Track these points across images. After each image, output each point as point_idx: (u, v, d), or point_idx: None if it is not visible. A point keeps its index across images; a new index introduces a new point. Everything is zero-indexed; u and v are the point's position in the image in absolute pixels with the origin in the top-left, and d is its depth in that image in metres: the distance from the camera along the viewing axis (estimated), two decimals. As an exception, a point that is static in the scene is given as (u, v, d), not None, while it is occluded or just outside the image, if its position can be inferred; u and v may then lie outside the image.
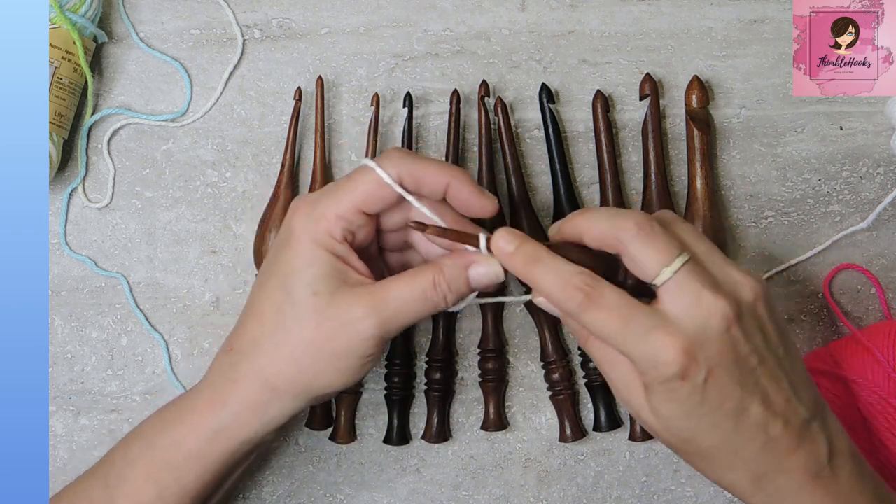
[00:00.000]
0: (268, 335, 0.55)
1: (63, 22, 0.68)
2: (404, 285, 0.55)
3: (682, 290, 0.51)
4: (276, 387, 0.56)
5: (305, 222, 0.55)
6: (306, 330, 0.54)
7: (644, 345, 0.51)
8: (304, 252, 0.55)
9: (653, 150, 0.70)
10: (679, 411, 0.52)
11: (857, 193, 0.73)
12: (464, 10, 0.73)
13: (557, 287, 0.52)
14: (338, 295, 0.54)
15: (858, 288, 0.73)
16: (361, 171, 0.56)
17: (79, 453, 0.71)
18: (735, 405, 0.52)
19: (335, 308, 0.54)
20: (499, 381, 0.71)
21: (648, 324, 0.51)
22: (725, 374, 0.51)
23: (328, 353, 0.54)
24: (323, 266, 0.54)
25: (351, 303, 0.54)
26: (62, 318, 0.72)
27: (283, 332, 0.55)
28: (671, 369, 0.50)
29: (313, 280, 0.54)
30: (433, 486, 0.72)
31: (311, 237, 0.55)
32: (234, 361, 0.57)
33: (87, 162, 0.72)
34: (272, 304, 0.56)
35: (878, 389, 0.65)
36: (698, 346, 0.51)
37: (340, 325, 0.54)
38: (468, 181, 0.56)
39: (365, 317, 0.54)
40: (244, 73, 0.73)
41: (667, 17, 0.73)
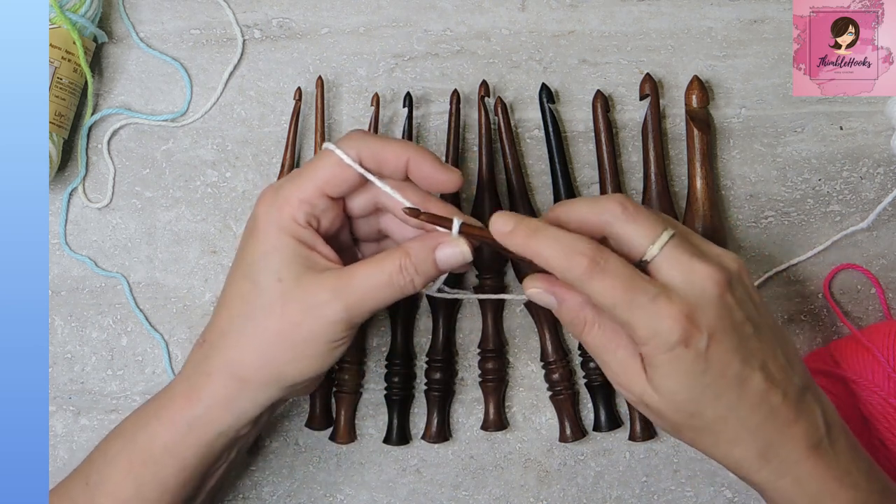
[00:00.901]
0: (236, 326, 0.55)
1: (63, 22, 0.68)
2: (371, 268, 0.54)
3: (673, 261, 0.52)
4: (245, 377, 0.55)
5: (268, 209, 0.55)
6: (272, 318, 0.54)
7: (648, 312, 0.51)
8: (267, 239, 0.55)
9: (653, 150, 0.70)
10: (683, 382, 0.52)
11: (857, 193, 0.73)
12: (464, 10, 0.73)
13: (561, 254, 0.52)
14: (303, 280, 0.54)
15: (858, 288, 0.73)
16: (322, 155, 0.56)
17: (79, 453, 0.71)
18: (736, 373, 0.52)
19: (300, 292, 0.54)
20: (499, 381, 0.71)
21: (652, 291, 0.51)
22: (725, 340, 0.52)
23: (295, 339, 0.54)
24: (287, 252, 0.54)
25: (316, 287, 0.54)
26: (62, 318, 0.72)
27: (251, 322, 0.55)
28: (674, 335, 0.51)
29: (278, 266, 0.54)
30: (433, 486, 0.72)
31: (276, 224, 0.55)
32: (206, 354, 0.57)
33: (87, 162, 0.72)
34: (239, 293, 0.56)
35: (878, 389, 0.65)
36: (698, 312, 0.51)
37: (306, 309, 0.54)
38: (428, 156, 0.56)
39: (331, 300, 0.54)
40: (244, 73, 0.73)
41: (667, 17, 0.73)
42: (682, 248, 0.52)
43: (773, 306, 0.72)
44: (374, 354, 0.72)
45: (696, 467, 0.71)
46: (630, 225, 0.52)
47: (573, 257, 0.51)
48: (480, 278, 0.70)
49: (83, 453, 0.71)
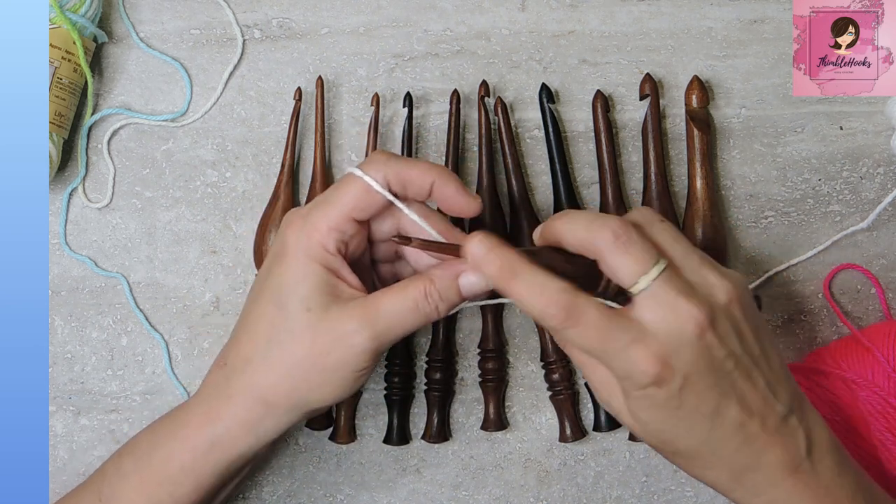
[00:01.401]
0: (261, 351, 0.56)
1: (63, 22, 0.68)
2: (396, 297, 0.55)
3: (657, 299, 0.51)
4: (270, 402, 0.56)
5: (298, 236, 0.55)
6: (300, 345, 0.55)
7: (621, 358, 0.52)
8: (296, 267, 0.55)
9: (653, 150, 0.70)
10: (656, 416, 0.53)
11: (857, 193, 0.73)
12: (464, 10, 0.73)
13: (537, 305, 0.52)
14: (331, 310, 0.55)
15: (858, 288, 0.73)
16: (348, 179, 0.56)
17: (79, 453, 0.71)
18: (711, 408, 0.52)
19: (328, 323, 0.54)
20: (499, 381, 0.71)
21: (625, 338, 0.51)
22: (701, 379, 0.52)
23: (322, 367, 0.55)
24: (316, 281, 0.55)
25: (344, 317, 0.54)
26: (62, 318, 0.72)
27: (277, 348, 0.55)
28: (646, 378, 0.51)
29: (306, 296, 0.55)
30: (433, 486, 0.72)
31: (304, 251, 0.55)
32: (228, 376, 0.57)
33: (87, 162, 0.72)
34: (265, 319, 0.56)
35: (878, 389, 0.65)
36: (673, 354, 0.51)
37: (334, 339, 0.54)
38: (452, 180, 0.56)
39: (359, 330, 0.54)
40: (244, 73, 0.73)
41: (667, 17, 0.73)
42: (670, 284, 0.52)
43: (773, 306, 0.72)
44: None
45: (696, 467, 0.71)
46: (620, 257, 0.52)
47: (549, 309, 0.51)
48: (480, 278, 0.70)
49: (83, 453, 0.71)
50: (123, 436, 0.71)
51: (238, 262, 0.72)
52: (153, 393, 0.71)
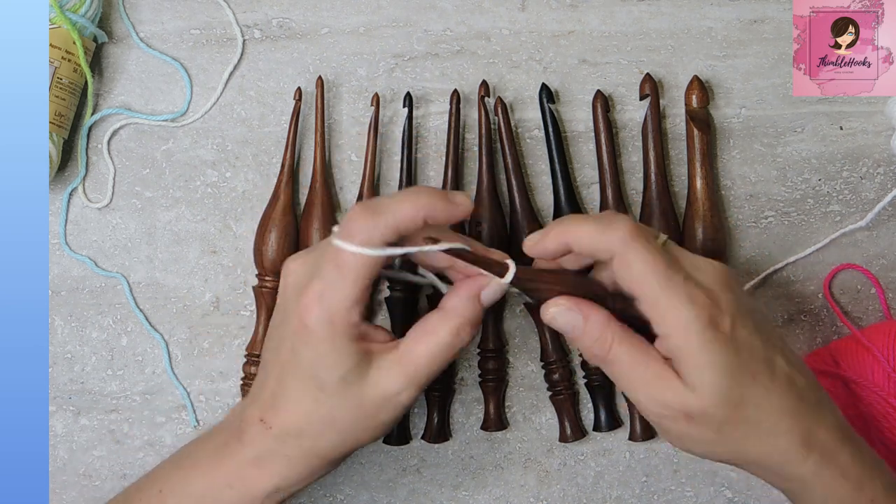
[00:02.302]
0: (312, 421, 0.56)
1: (63, 22, 0.68)
2: (430, 344, 0.55)
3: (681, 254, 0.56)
4: (327, 457, 0.58)
5: (321, 324, 0.54)
6: (349, 413, 0.55)
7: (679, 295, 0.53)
8: (328, 351, 0.54)
9: (653, 150, 0.70)
10: (719, 367, 0.53)
11: (857, 193, 0.73)
12: (464, 10, 0.73)
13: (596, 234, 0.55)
14: (369, 376, 0.55)
15: (858, 288, 0.73)
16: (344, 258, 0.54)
17: (79, 453, 0.71)
18: (763, 356, 0.54)
19: (372, 388, 0.55)
20: (499, 381, 0.71)
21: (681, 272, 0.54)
22: (745, 322, 0.54)
23: (372, 424, 0.56)
24: (350, 359, 0.54)
25: (385, 381, 0.55)
26: (62, 318, 0.72)
27: (326, 418, 0.56)
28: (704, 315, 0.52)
29: (344, 373, 0.55)
30: (433, 486, 0.72)
31: (332, 335, 0.54)
32: (280, 439, 0.57)
33: (87, 162, 0.72)
34: (306, 393, 0.56)
35: (878, 389, 0.65)
36: (716, 295, 0.54)
37: (381, 402, 0.55)
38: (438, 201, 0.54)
39: (404, 388, 0.55)
40: (244, 73, 0.73)
41: (667, 17, 0.73)
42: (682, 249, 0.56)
43: (773, 306, 0.72)
44: (374, 354, 0.72)
45: (696, 467, 0.71)
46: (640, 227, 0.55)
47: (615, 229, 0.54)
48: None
49: (83, 453, 0.71)
50: (123, 436, 0.71)
51: (238, 262, 0.72)
52: (153, 393, 0.71)
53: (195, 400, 0.71)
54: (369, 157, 0.70)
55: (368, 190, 0.70)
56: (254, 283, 0.71)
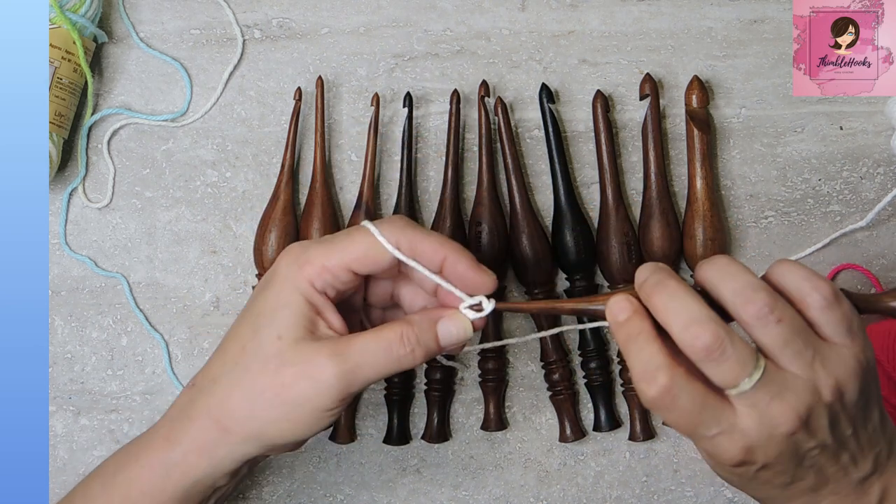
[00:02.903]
0: (227, 372, 0.54)
1: (63, 22, 0.68)
2: (370, 337, 0.53)
3: (751, 403, 0.50)
4: (226, 427, 0.54)
5: (289, 265, 0.54)
6: (265, 374, 0.53)
7: (707, 442, 0.51)
8: (279, 295, 0.53)
9: (653, 150, 0.70)
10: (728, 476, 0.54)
11: (857, 193, 0.73)
12: (464, 10, 0.73)
13: (637, 371, 0.51)
14: (301, 343, 0.53)
15: (858, 288, 0.72)
16: (360, 231, 0.54)
17: (79, 453, 0.71)
18: (785, 482, 0.53)
19: (297, 354, 0.53)
20: (499, 381, 0.71)
21: (715, 429, 0.50)
22: (780, 465, 0.52)
23: (285, 399, 0.53)
24: (295, 311, 0.53)
25: (313, 351, 0.52)
26: (62, 318, 0.72)
27: (242, 371, 0.54)
28: (728, 464, 0.51)
29: (281, 324, 0.53)
30: (433, 486, 0.72)
31: (291, 281, 0.53)
32: (193, 397, 0.55)
33: (87, 162, 0.72)
34: (238, 342, 0.54)
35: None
36: (758, 449, 0.51)
37: (300, 371, 0.52)
38: (465, 256, 0.55)
39: (326, 365, 0.52)
40: (244, 73, 0.73)
41: (667, 17, 0.73)
42: (765, 389, 0.50)
43: (773, 306, 0.72)
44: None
45: (696, 467, 0.71)
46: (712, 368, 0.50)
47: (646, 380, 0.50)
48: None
49: (83, 453, 0.71)
50: (123, 436, 0.71)
51: (238, 262, 0.72)
52: (153, 393, 0.71)
53: (195, 400, 0.71)
54: (369, 157, 0.70)
55: (368, 190, 0.70)
56: (254, 283, 0.71)
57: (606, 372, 0.70)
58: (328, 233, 0.69)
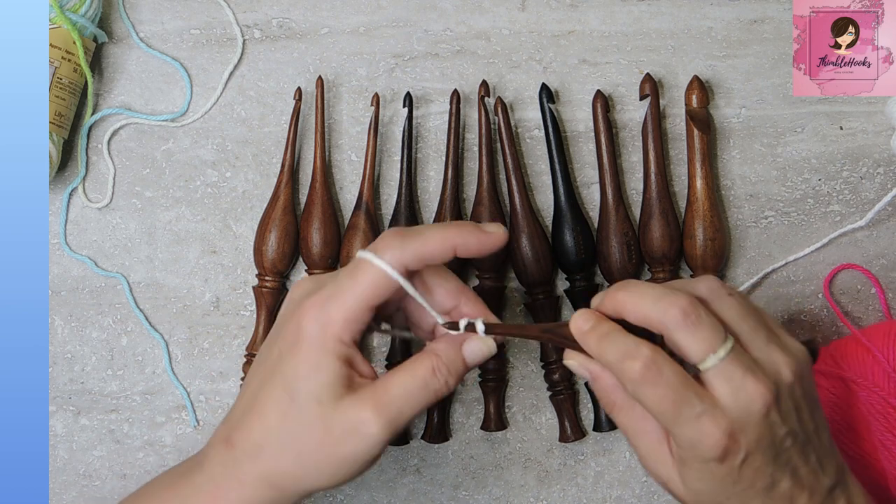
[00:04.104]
0: (272, 438, 0.54)
1: (63, 22, 0.68)
2: (405, 377, 0.54)
3: (725, 376, 0.51)
4: (281, 487, 0.55)
5: (313, 326, 0.53)
6: (313, 436, 0.54)
7: (691, 428, 0.51)
8: (311, 359, 0.53)
9: (653, 150, 0.70)
10: (711, 487, 0.53)
11: (857, 193, 0.73)
12: (464, 10, 0.73)
13: (619, 353, 0.52)
14: (343, 401, 0.53)
15: (858, 288, 0.73)
16: (364, 267, 0.54)
17: (79, 453, 0.71)
18: (766, 483, 0.53)
19: (341, 414, 0.53)
20: (499, 381, 0.71)
21: (699, 408, 0.51)
22: (761, 456, 0.52)
23: (335, 458, 0.54)
24: (329, 374, 0.53)
25: (356, 407, 0.53)
26: (62, 318, 0.72)
27: (289, 437, 0.54)
28: (713, 452, 0.51)
29: (319, 389, 0.53)
30: (433, 486, 0.72)
31: (320, 344, 0.53)
32: (238, 459, 0.55)
33: (87, 162, 0.72)
34: (276, 406, 0.54)
35: (878, 389, 0.65)
36: (740, 431, 0.52)
37: (348, 430, 0.53)
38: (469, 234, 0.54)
39: (372, 419, 0.53)
40: (244, 73, 0.73)
41: (667, 17, 0.73)
42: (737, 362, 0.52)
43: (773, 306, 0.72)
44: (374, 354, 0.72)
45: (696, 467, 0.71)
46: (688, 335, 0.52)
47: (627, 361, 0.52)
48: (480, 278, 0.70)
49: (83, 453, 0.71)
50: (123, 436, 0.71)
51: (238, 262, 0.72)
52: (153, 393, 0.71)
53: (195, 400, 0.71)
54: (369, 157, 0.70)
55: (368, 190, 0.70)
56: (254, 283, 0.71)
57: (606, 372, 0.70)
58: (328, 233, 0.69)
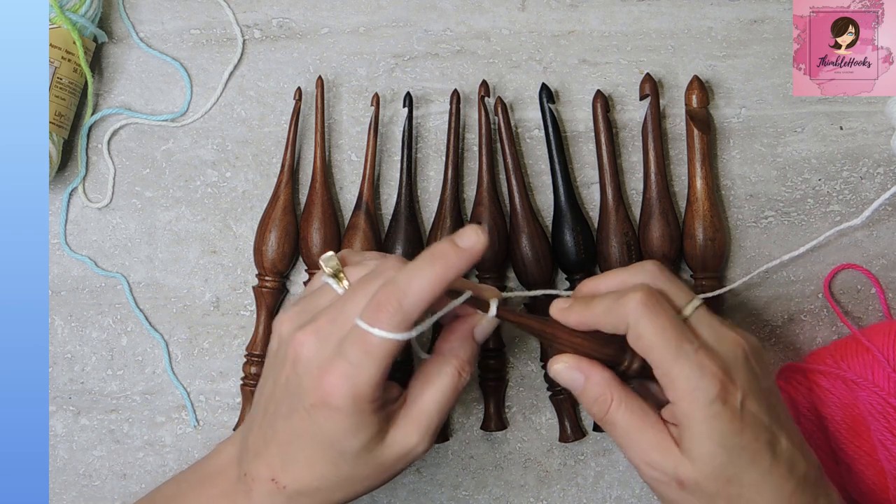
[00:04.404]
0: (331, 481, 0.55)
1: (63, 22, 0.68)
2: (437, 391, 0.55)
3: (707, 323, 0.55)
4: None
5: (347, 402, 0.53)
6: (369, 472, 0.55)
7: (691, 363, 0.53)
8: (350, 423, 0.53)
9: (653, 150, 0.70)
10: (720, 443, 0.53)
11: (857, 193, 0.73)
12: (464, 10, 0.73)
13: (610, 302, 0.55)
14: (388, 437, 0.55)
15: (858, 288, 0.73)
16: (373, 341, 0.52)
17: (79, 453, 0.71)
18: (768, 438, 0.53)
19: (390, 448, 0.55)
20: (499, 381, 0.71)
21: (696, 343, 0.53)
22: (756, 400, 0.53)
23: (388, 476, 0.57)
24: (372, 430, 0.54)
25: (403, 437, 0.55)
26: (62, 318, 0.72)
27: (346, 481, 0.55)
28: (714, 389, 0.52)
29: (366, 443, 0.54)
30: (433, 486, 0.72)
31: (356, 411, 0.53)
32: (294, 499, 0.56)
33: (87, 162, 0.72)
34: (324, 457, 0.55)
35: (878, 389, 0.65)
36: (730, 368, 0.54)
37: (400, 458, 0.55)
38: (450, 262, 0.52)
39: (419, 441, 0.55)
40: (244, 73, 0.73)
41: (667, 17, 0.73)
42: (711, 314, 0.56)
43: (773, 306, 0.72)
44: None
45: (696, 467, 0.71)
46: (670, 284, 0.56)
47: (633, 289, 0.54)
48: (480, 278, 0.70)
49: (83, 453, 0.71)
50: (123, 436, 0.71)
51: (238, 262, 0.72)
52: (153, 393, 0.71)
53: (195, 400, 0.71)
54: (369, 157, 0.70)
55: (368, 190, 0.70)
56: (254, 283, 0.71)
57: (606, 372, 0.70)
58: (328, 233, 0.69)
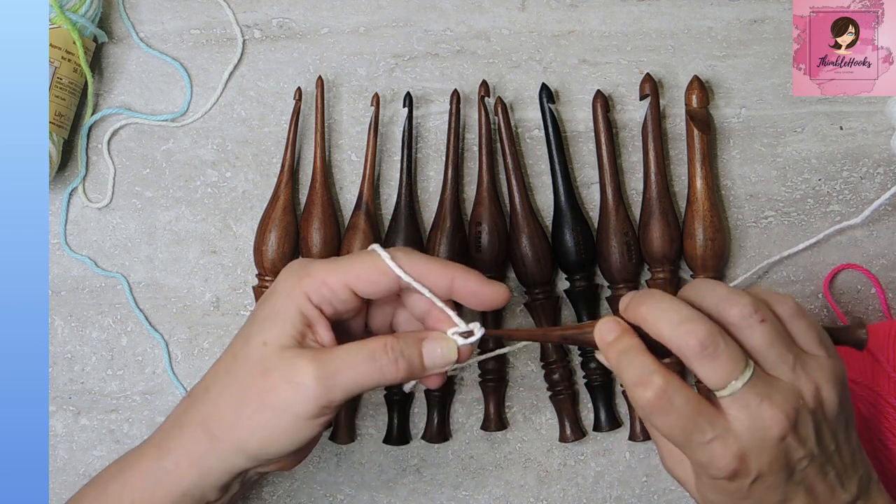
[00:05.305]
0: (218, 381, 0.54)
1: (63, 22, 0.68)
2: (353, 345, 0.53)
3: (742, 402, 0.51)
4: (214, 435, 0.54)
5: (289, 276, 0.54)
6: (251, 379, 0.53)
7: (701, 451, 0.52)
8: (274, 304, 0.54)
9: (653, 150, 0.70)
10: (722, 499, 0.54)
11: (857, 193, 0.73)
12: (464, 10, 0.73)
13: (632, 378, 0.52)
14: (286, 349, 0.53)
15: (858, 288, 0.73)
16: (366, 253, 0.54)
17: (79, 453, 0.71)
18: (778, 499, 0.53)
19: (279, 359, 0.52)
20: (499, 381, 0.71)
21: (709, 434, 0.51)
22: (773, 477, 0.52)
23: (267, 404, 0.52)
24: (285, 320, 0.53)
25: (296, 357, 0.52)
26: (62, 318, 0.72)
27: (232, 378, 0.54)
28: (721, 474, 0.52)
29: (269, 331, 0.53)
30: (433, 486, 0.72)
31: (288, 292, 0.53)
32: (187, 407, 0.56)
33: (87, 162, 0.72)
34: (231, 351, 0.55)
35: (878, 389, 0.65)
36: (752, 455, 0.52)
37: (283, 376, 0.52)
38: (473, 275, 0.55)
39: (307, 369, 0.52)
40: (244, 73, 0.73)
41: (667, 17, 0.73)
42: (755, 390, 0.51)
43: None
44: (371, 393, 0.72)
45: (696, 467, 0.71)
46: (704, 367, 0.51)
47: (639, 389, 0.52)
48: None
49: (83, 453, 0.71)
50: (123, 436, 0.71)
51: (238, 262, 0.72)
52: (153, 393, 0.71)
53: (195, 400, 0.71)
54: (369, 157, 0.70)
55: (368, 190, 0.70)
56: (254, 283, 0.71)
57: (606, 372, 0.70)
58: (328, 233, 0.69)
